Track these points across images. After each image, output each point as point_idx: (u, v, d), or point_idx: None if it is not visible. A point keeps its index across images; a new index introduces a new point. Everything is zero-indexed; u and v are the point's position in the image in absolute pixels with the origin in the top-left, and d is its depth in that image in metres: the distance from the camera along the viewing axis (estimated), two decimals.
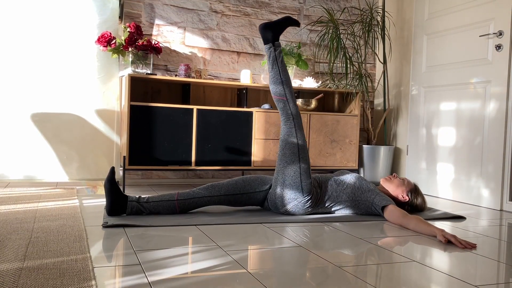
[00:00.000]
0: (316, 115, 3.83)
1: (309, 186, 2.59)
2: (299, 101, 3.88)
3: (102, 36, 3.50)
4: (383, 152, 4.14)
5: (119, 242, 1.93)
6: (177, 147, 3.41)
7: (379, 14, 4.35)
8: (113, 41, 3.52)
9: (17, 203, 2.70)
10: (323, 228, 2.35)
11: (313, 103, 3.92)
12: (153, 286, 1.40)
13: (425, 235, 2.25)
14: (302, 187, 2.58)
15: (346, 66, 4.04)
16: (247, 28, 4.13)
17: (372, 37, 4.22)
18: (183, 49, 3.93)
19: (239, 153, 3.59)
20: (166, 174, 3.94)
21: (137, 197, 2.48)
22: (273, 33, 2.65)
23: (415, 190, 2.76)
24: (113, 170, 2.44)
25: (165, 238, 2.02)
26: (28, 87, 3.57)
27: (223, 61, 4.06)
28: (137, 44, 3.49)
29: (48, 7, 3.59)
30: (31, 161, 3.60)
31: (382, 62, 4.33)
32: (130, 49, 3.49)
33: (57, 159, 3.66)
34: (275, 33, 2.66)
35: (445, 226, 2.54)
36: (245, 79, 3.81)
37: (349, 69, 4.14)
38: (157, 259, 1.69)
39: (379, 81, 4.51)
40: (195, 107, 3.46)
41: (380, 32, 4.25)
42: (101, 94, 3.76)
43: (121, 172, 3.63)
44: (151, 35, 3.82)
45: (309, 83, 4.01)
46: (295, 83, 4.15)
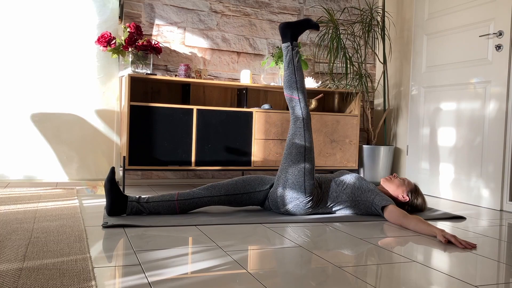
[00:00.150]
0: (316, 115, 3.83)
1: (311, 187, 2.59)
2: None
3: (102, 36, 3.50)
4: (383, 152, 4.14)
5: (119, 242, 1.93)
6: (177, 147, 3.41)
7: (379, 14, 4.35)
8: (113, 41, 3.52)
9: (17, 203, 2.70)
10: (323, 228, 2.35)
11: (313, 103, 3.92)
12: (153, 286, 1.40)
13: (425, 235, 2.25)
14: (305, 187, 2.58)
15: (346, 66, 4.04)
16: (247, 28, 4.13)
17: (372, 37, 4.22)
18: (183, 49, 3.93)
19: (239, 153, 3.59)
20: (166, 174, 3.94)
21: (137, 197, 2.48)
22: (292, 33, 2.68)
23: (415, 190, 2.76)
24: (113, 170, 2.44)
25: (165, 238, 2.02)
26: (28, 87, 3.57)
27: (223, 61, 4.06)
28: (137, 44, 3.49)
29: (48, 7, 3.60)
30: (31, 161, 3.60)
31: (382, 62, 4.33)
32: (130, 49, 3.49)
33: (57, 159, 3.66)
34: (294, 33, 2.69)
35: (445, 226, 2.54)
36: (245, 79, 3.81)
37: (349, 69, 4.14)
38: (157, 259, 1.69)
39: (379, 81, 4.51)
40: (195, 107, 3.46)
41: (380, 32, 4.25)
42: (101, 94, 3.76)
43: (121, 172, 3.63)
44: (151, 35, 3.82)
45: (309, 83, 4.01)
46: None
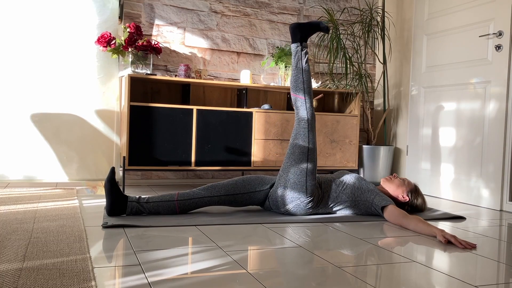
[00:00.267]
0: (316, 115, 3.82)
1: (313, 187, 2.59)
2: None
3: (102, 36, 3.50)
4: (383, 152, 4.14)
5: (119, 242, 1.93)
6: (177, 147, 3.41)
7: (379, 14, 4.35)
8: (113, 42, 3.52)
9: (17, 203, 2.70)
10: (323, 228, 2.35)
11: (313, 103, 3.92)
12: (153, 286, 1.40)
13: (425, 235, 2.25)
14: (306, 187, 2.58)
15: (346, 66, 4.04)
16: (247, 28, 4.13)
17: (372, 37, 4.22)
18: (183, 49, 3.93)
19: (239, 153, 3.59)
20: (166, 174, 3.94)
21: (137, 197, 2.48)
22: (302, 34, 2.70)
23: (415, 190, 2.76)
24: (113, 170, 2.44)
25: (165, 238, 2.02)
26: (28, 87, 3.57)
27: (223, 61, 4.06)
28: (137, 44, 3.49)
29: (48, 7, 3.60)
30: (31, 162, 3.60)
31: (382, 62, 4.33)
32: (130, 50, 3.49)
33: (57, 159, 3.66)
34: (305, 34, 2.71)
35: (445, 226, 2.54)
36: (245, 79, 3.81)
37: (349, 69, 4.14)
38: (157, 260, 1.69)
39: (379, 81, 4.51)
40: (195, 107, 3.46)
41: (380, 32, 4.25)
42: (101, 94, 3.76)
43: (120, 172, 3.63)
44: (151, 35, 3.82)
45: None
46: None
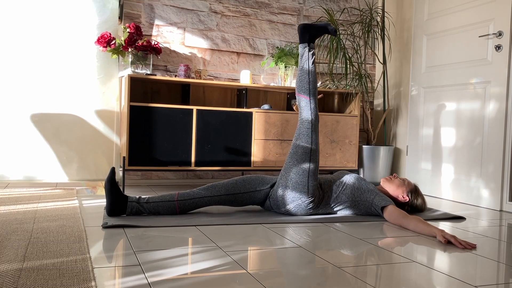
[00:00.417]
0: None
1: (314, 187, 2.59)
2: (297, 102, 3.88)
3: (101, 36, 3.50)
4: (383, 152, 4.14)
5: (119, 242, 1.93)
6: (176, 147, 3.41)
7: (379, 14, 4.35)
8: (113, 42, 3.52)
9: (16, 203, 2.70)
10: (323, 228, 2.35)
11: None
12: (152, 286, 1.40)
13: (425, 235, 2.25)
14: (308, 187, 2.58)
15: (345, 66, 4.04)
16: (246, 28, 4.13)
17: (371, 37, 4.22)
18: (182, 50, 3.93)
19: (238, 153, 3.59)
20: (165, 174, 3.94)
21: (137, 197, 2.48)
22: (310, 35, 2.71)
23: (415, 190, 2.76)
24: (113, 170, 2.44)
25: (165, 238, 2.02)
26: (28, 88, 3.57)
27: (222, 62, 4.06)
28: (137, 44, 3.49)
29: (48, 7, 3.60)
30: (31, 162, 3.60)
31: (381, 62, 4.33)
32: (129, 50, 3.49)
33: (57, 159, 3.66)
34: (312, 36, 2.72)
35: (445, 226, 2.54)
36: (245, 79, 3.82)
37: (348, 69, 4.14)
38: (157, 260, 1.69)
39: (378, 82, 4.51)
40: (194, 108, 3.46)
41: (379, 32, 4.25)
42: (101, 94, 3.76)
43: (120, 172, 3.63)
44: (151, 35, 3.82)
45: None
46: (294, 84, 4.14)
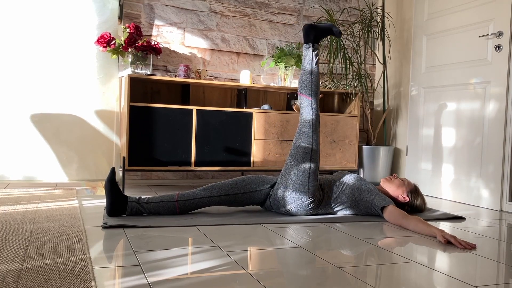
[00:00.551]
0: None
1: (315, 188, 2.59)
2: (298, 102, 3.88)
3: (101, 36, 3.50)
4: (383, 152, 4.14)
5: (118, 242, 1.93)
6: (176, 147, 3.41)
7: (379, 14, 4.35)
8: (113, 42, 3.52)
9: (16, 203, 2.70)
10: (323, 228, 2.35)
11: None
12: (152, 286, 1.40)
13: (424, 235, 2.25)
14: (308, 188, 2.58)
15: (345, 66, 4.05)
16: (246, 28, 4.13)
17: (371, 37, 4.22)
18: (182, 50, 3.93)
19: (238, 153, 3.59)
20: (165, 174, 3.94)
21: (137, 197, 2.48)
22: (315, 36, 2.71)
23: (415, 190, 2.76)
24: (113, 170, 2.44)
25: (165, 238, 2.02)
26: (28, 88, 3.57)
27: (222, 62, 4.06)
28: (137, 44, 3.49)
29: (48, 8, 3.60)
30: (31, 162, 3.60)
31: (381, 62, 4.33)
32: (129, 50, 3.49)
33: (56, 159, 3.66)
34: (317, 36, 2.72)
35: (445, 226, 2.54)
36: (245, 79, 3.82)
37: (348, 69, 4.14)
38: (157, 260, 1.69)
39: (378, 82, 4.51)
40: (194, 108, 3.46)
41: (379, 32, 4.25)
42: (101, 94, 3.76)
43: (120, 172, 3.63)
44: (151, 35, 3.82)
45: None
46: (295, 84, 4.15)
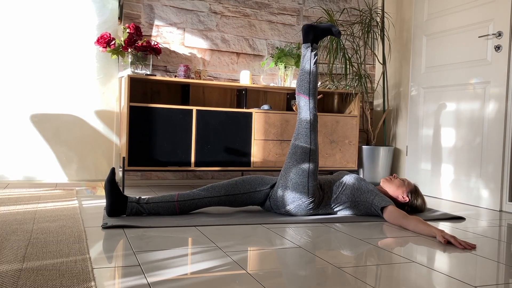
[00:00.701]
0: None
1: (314, 188, 2.59)
2: (296, 102, 3.88)
3: (101, 37, 3.50)
4: (383, 152, 4.14)
5: (118, 243, 1.93)
6: (176, 148, 3.41)
7: (379, 15, 4.35)
8: (113, 42, 3.52)
9: (16, 204, 2.70)
10: (323, 229, 2.35)
11: None
12: (152, 287, 1.40)
13: (424, 235, 2.25)
14: (308, 188, 2.58)
15: (345, 66, 4.05)
16: (246, 29, 4.13)
17: (371, 37, 4.22)
18: (182, 50, 3.93)
19: (238, 154, 3.59)
20: (165, 175, 3.94)
21: (137, 198, 2.48)
22: (314, 36, 2.71)
23: (415, 191, 2.76)
24: (113, 170, 2.44)
25: (165, 239, 2.02)
26: (27, 88, 3.57)
27: (222, 62, 4.06)
28: (137, 45, 3.49)
29: (48, 8, 3.60)
30: (31, 162, 3.60)
31: (381, 62, 4.33)
32: (129, 50, 3.49)
33: (56, 160, 3.66)
34: (316, 37, 2.72)
35: (445, 227, 2.54)
36: (245, 79, 3.82)
37: (348, 69, 4.14)
38: (157, 260, 1.69)
39: (378, 82, 4.51)
40: (194, 108, 3.46)
41: (379, 32, 4.25)
42: (101, 95, 3.76)
43: (120, 173, 3.63)
44: (151, 36, 3.82)
45: None
46: (294, 84, 4.14)
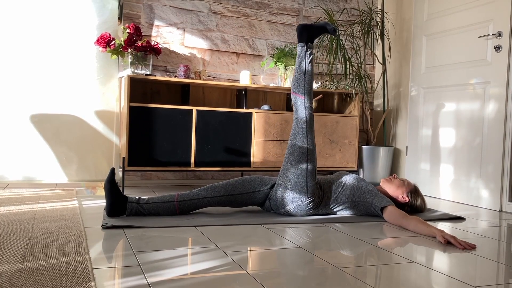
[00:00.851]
0: (315, 116, 3.83)
1: (313, 187, 2.59)
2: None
3: (101, 37, 3.50)
4: (383, 153, 4.14)
5: (118, 243, 1.93)
6: (176, 148, 3.41)
7: (379, 15, 4.35)
8: (113, 42, 3.52)
9: (16, 204, 2.70)
10: (323, 229, 2.35)
11: (313, 104, 3.92)
12: (152, 287, 1.40)
13: (424, 236, 2.25)
14: (307, 187, 2.58)
15: (345, 67, 4.05)
16: (246, 29, 4.13)
17: (371, 38, 4.22)
18: (182, 50, 3.93)
19: (238, 154, 3.59)
20: (165, 175, 3.94)
21: (137, 198, 2.48)
22: (308, 35, 2.71)
23: (415, 191, 2.76)
24: (113, 170, 2.44)
25: (165, 239, 2.02)
26: (27, 88, 3.57)
27: (222, 62, 4.06)
28: (136, 45, 3.49)
29: (47, 8, 3.60)
30: (31, 162, 3.60)
31: (381, 63, 4.33)
32: (129, 50, 3.49)
33: (56, 160, 3.66)
34: (311, 36, 2.72)
35: (445, 227, 2.54)
36: (245, 80, 3.82)
37: (348, 70, 4.14)
38: (157, 260, 1.69)
39: (378, 82, 4.51)
40: (194, 108, 3.46)
41: (379, 33, 4.25)
42: (101, 95, 3.76)
43: (120, 173, 3.63)
44: (151, 36, 3.82)
45: None
46: None
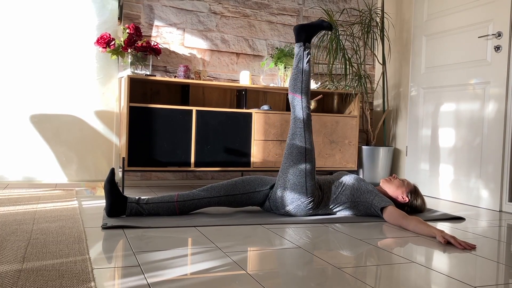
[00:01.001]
0: (315, 116, 3.83)
1: (313, 187, 2.59)
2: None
3: (101, 37, 3.50)
4: (383, 153, 4.14)
5: (118, 243, 1.93)
6: (176, 148, 3.41)
7: (378, 15, 4.35)
8: (112, 42, 3.52)
9: (16, 204, 2.70)
10: (323, 229, 2.35)
11: (312, 104, 3.92)
12: (152, 287, 1.40)
13: (424, 236, 2.25)
14: (306, 187, 2.58)
15: (345, 67, 4.05)
16: (246, 29, 4.13)
17: (371, 38, 4.23)
18: (182, 50, 3.93)
19: (238, 154, 3.59)
20: (165, 175, 3.94)
21: (137, 198, 2.48)
22: (306, 35, 2.71)
23: (415, 191, 2.76)
24: (113, 171, 2.44)
25: (165, 239, 2.02)
26: (27, 88, 3.57)
27: (222, 62, 4.06)
28: (136, 45, 3.49)
29: (47, 8, 3.60)
30: (30, 163, 3.60)
31: (381, 63, 4.34)
32: (129, 50, 3.49)
33: (56, 160, 3.66)
34: (308, 35, 2.73)
35: (445, 227, 2.54)
36: (244, 80, 3.82)
37: (348, 70, 4.14)
38: (157, 261, 1.69)
39: (378, 82, 4.51)
40: (194, 108, 3.46)
41: (379, 33, 4.25)
42: (100, 95, 3.76)
43: (120, 173, 3.63)
44: (150, 36, 3.82)
45: None
46: None
